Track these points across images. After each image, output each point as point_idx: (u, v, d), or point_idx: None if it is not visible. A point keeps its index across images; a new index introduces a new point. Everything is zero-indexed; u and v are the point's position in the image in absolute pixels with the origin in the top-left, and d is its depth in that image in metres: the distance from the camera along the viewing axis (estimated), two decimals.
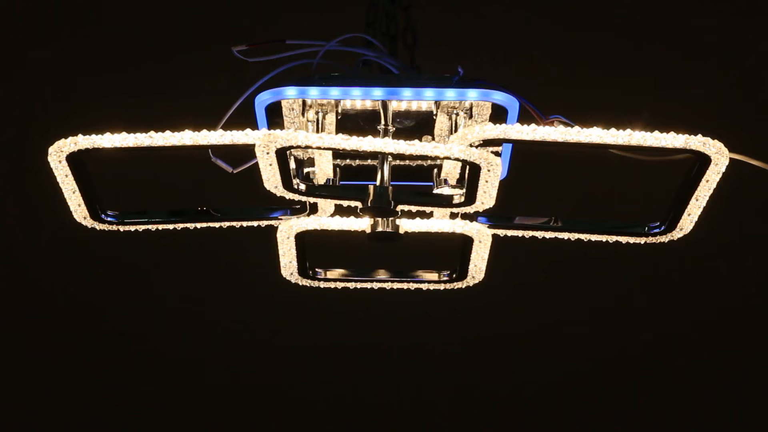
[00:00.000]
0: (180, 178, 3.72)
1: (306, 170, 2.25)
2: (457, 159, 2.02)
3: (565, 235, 2.25)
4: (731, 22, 3.81)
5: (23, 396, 4.81)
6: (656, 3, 3.78)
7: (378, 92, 2.11)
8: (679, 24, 3.82)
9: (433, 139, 2.24)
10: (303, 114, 2.18)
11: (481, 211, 2.14)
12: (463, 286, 2.40)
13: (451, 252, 2.35)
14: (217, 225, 2.28)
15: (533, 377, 4.82)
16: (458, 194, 2.16)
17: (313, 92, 2.10)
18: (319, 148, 2.02)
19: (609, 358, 4.76)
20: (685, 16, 3.80)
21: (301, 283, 2.39)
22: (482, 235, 2.28)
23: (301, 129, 2.17)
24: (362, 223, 2.24)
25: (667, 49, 3.85)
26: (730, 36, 3.83)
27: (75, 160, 2.06)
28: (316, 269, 2.39)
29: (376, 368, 4.81)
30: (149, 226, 2.25)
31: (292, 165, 2.15)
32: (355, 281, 2.42)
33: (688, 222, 2.19)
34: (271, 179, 2.07)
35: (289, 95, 2.11)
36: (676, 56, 3.86)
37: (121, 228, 2.24)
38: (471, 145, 2.01)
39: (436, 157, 2.09)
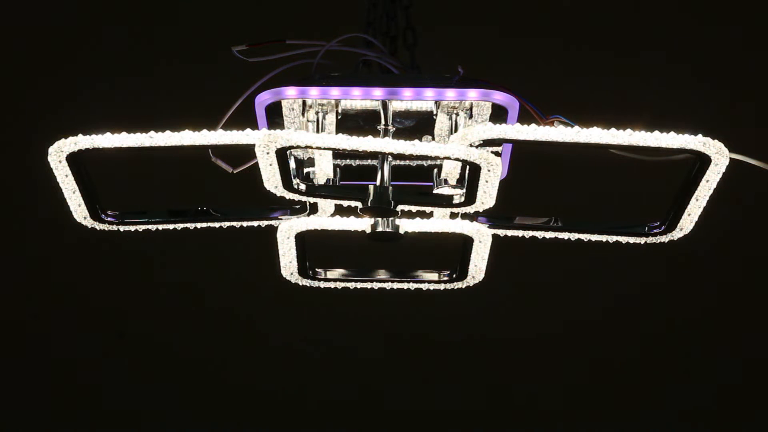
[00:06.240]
0: (180, 178, 3.72)
1: (306, 170, 2.25)
2: (457, 159, 2.02)
3: (565, 235, 2.25)
4: (731, 22, 3.81)
5: (23, 396, 4.81)
6: (657, 4, 3.78)
7: (378, 92, 2.11)
8: (679, 25, 3.82)
9: (433, 139, 2.24)
10: (303, 114, 2.18)
11: (481, 211, 2.14)
12: (463, 286, 2.40)
13: (451, 252, 2.35)
14: (217, 225, 2.28)
15: (533, 377, 4.82)
16: (458, 194, 2.16)
17: (313, 92, 2.10)
18: (319, 148, 2.02)
19: (609, 357, 4.76)
20: (685, 17, 3.80)
21: (301, 283, 2.39)
22: (482, 235, 2.27)
23: (301, 129, 2.17)
24: (362, 223, 2.24)
25: (668, 49, 3.86)
26: (731, 36, 3.83)
27: (75, 160, 2.06)
28: (316, 269, 2.39)
29: (376, 368, 4.81)
30: (149, 226, 2.25)
31: (292, 165, 2.14)
32: (355, 281, 2.41)
33: (688, 222, 2.18)
34: (271, 179, 2.07)
35: (289, 95, 2.11)
36: (677, 56, 3.87)
37: (121, 228, 2.24)
38: (471, 145, 2.01)
39: (436, 157, 2.09)
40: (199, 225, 2.27)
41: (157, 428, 4.92)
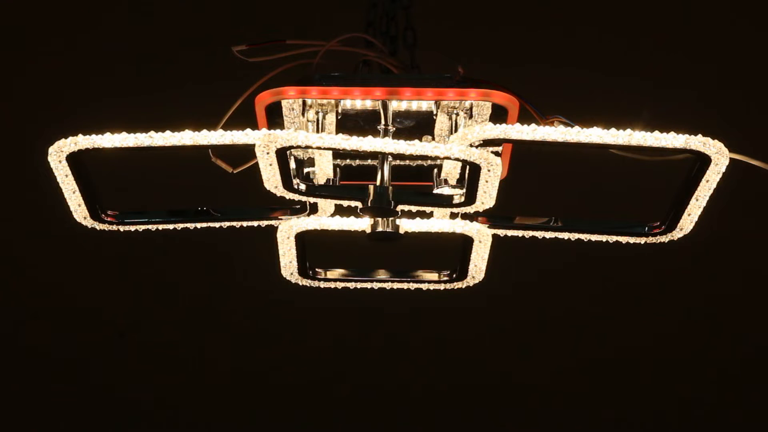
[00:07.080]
0: (180, 178, 3.72)
1: (306, 170, 2.25)
2: (457, 159, 2.02)
3: (565, 235, 2.25)
4: (731, 21, 3.81)
5: (23, 396, 4.81)
6: (657, 3, 3.78)
7: (378, 92, 2.11)
8: (679, 24, 3.82)
9: (433, 139, 2.24)
10: (303, 114, 2.18)
11: (481, 211, 2.14)
12: (463, 286, 2.40)
13: (451, 252, 2.35)
14: (217, 225, 2.28)
15: (533, 377, 4.82)
16: (458, 194, 2.16)
17: (313, 92, 2.11)
18: (319, 148, 2.02)
19: (609, 358, 4.76)
20: (685, 16, 3.80)
21: (301, 283, 2.39)
22: (482, 235, 2.28)
23: (301, 129, 2.17)
24: (362, 223, 2.24)
25: (668, 49, 3.86)
26: (731, 36, 3.83)
27: (75, 160, 2.06)
28: (316, 269, 2.39)
29: (376, 369, 4.80)
30: (149, 226, 2.25)
31: (292, 165, 2.14)
32: (355, 281, 2.41)
33: (688, 222, 2.18)
34: (271, 179, 2.07)
35: (289, 95, 2.11)
36: (677, 56, 3.87)
37: (121, 228, 2.24)
38: (471, 145, 2.01)
39: (436, 157, 2.09)
40: (199, 225, 2.27)
41: (158, 427, 4.92)
